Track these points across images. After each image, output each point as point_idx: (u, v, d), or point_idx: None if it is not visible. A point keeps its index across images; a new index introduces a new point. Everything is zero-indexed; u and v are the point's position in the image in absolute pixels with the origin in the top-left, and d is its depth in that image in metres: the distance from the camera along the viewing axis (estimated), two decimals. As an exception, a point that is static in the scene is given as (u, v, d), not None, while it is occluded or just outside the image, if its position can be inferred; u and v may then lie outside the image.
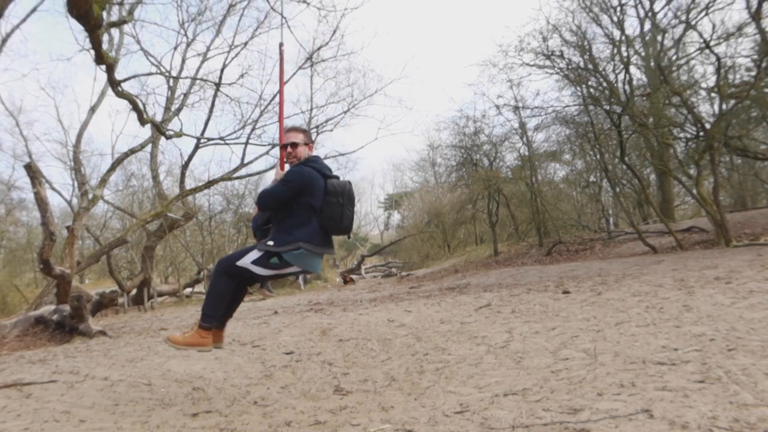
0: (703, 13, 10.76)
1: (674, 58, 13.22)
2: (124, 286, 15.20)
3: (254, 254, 3.02)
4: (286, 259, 3.00)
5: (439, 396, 3.00)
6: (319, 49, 14.83)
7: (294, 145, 3.21)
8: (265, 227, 3.24)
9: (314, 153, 3.40)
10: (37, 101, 52.04)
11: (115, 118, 25.34)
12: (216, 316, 3.15)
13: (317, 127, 17.04)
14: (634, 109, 11.12)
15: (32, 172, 7.30)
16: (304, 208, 3.04)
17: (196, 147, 15.30)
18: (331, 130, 17.29)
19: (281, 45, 3.78)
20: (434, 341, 4.59)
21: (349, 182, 3.24)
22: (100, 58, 6.67)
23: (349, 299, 10.00)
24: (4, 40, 11.82)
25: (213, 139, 14.58)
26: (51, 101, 46.63)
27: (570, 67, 12.79)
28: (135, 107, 9.23)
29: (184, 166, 15.61)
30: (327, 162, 3.42)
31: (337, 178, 3.24)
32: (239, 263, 3.03)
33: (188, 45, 14.69)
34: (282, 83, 3.76)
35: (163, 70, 13.70)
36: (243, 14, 15.03)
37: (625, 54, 11.95)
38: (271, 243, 3.01)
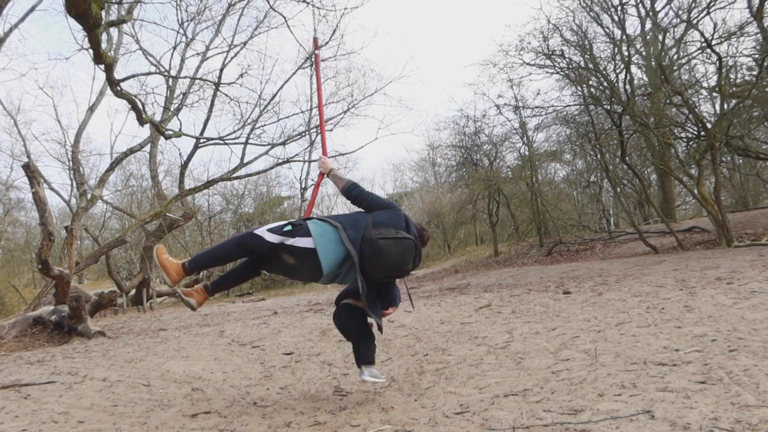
0: (705, 12, 10.77)
1: (675, 57, 13.22)
2: (123, 287, 15.19)
3: (278, 223, 2.96)
4: (302, 226, 2.88)
5: (439, 397, 2.99)
6: (319, 48, 14.80)
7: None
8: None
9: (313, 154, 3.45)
10: (35, 101, 51.93)
11: (114, 118, 25.24)
12: (201, 267, 3.10)
13: (317, 126, 17.02)
14: (635, 109, 11.11)
15: (30, 171, 7.28)
16: (370, 215, 2.99)
17: (196, 147, 15.29)
18: (331, 130, 17.28)
19: (315, 40, 3.72)
20: (434, 342, 4.58)
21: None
22: (98, 57, 6.65)
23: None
24: (2, 40, 11.80)
25: (212, 139, 14.56)
26: (49, 101, 46.34)
27: (571, 66, 12.78)
28: (134, 107, 9.21)
29: (184, 166, 15.61)
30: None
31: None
32: (257, 231, 2.92)
33: (187, 44, 14.69)
34: (319, 86, 3.75)
35: (163, 70, 13.69)
36: (242, 14, 14.97)
37: (626, 53, 11.94)
38: (288, 229, 2.94)
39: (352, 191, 3.10)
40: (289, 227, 2.90)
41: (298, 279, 3.15)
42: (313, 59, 3.89)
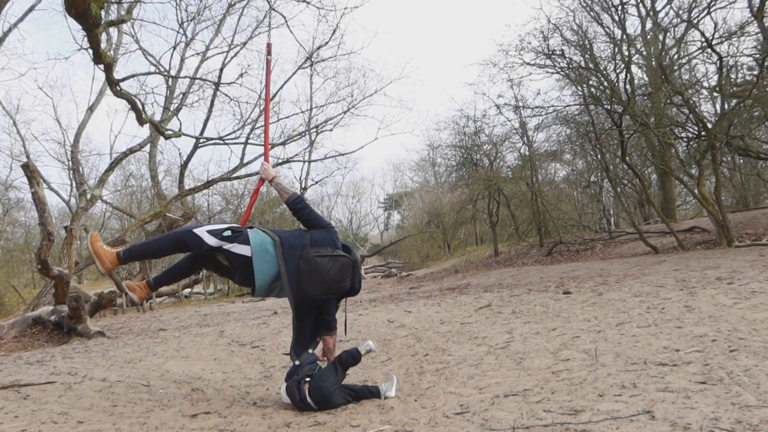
0: (705, 11, 10.76)
1: (676, 57, 13.21)
2: (122, 287, 15.17)
3: (218, 225, 2.99)
4: (243, 233, 2.94)
5: (439, 397, 2.98)
6: (318, 48, 14.80)
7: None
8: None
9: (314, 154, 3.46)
10: (34, 100, 51.92)
11: (113, 118, 25.25)
12: (135, 258, 3.16)
13: (317, 126, 17.02)
14: (635, 109, 11.09)
15: (30, 171, 7.28)
16: (308, 233, 3.07)
17: (195, 147, 15.29)
18: (331, 130, 17.24)
19: (269, 46, 3.78)
20: (434, 342, 4.57)
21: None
22: (98, 57, 6.64)
23: (348, 300, 9.96)
24: (2, 39, 11.81)
25: (212, 139, 14.56)
26: (49, 101, 46.41)
27: (571, 66, 12.77)
28: (134, 107, 9.20)
29: (183, 166, 15.60)
30: (327, 162, 3.48)
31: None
32: (196, 230, 2.96)
33: (187, 44, 14.68)
34: (268, 92, 3.80)
35: (162, 70, 13.69)
36: (242, 13, 14.96)
37: (626, 53, 11.93)
38: (228, 233, 2.99)
39: (296, 204, 3.16)
40: (228, 232, 2.95)
41: (233, 281, 3.23)
42: (264, 64, 4.01)
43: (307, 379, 3.00)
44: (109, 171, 13.40)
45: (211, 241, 2.92)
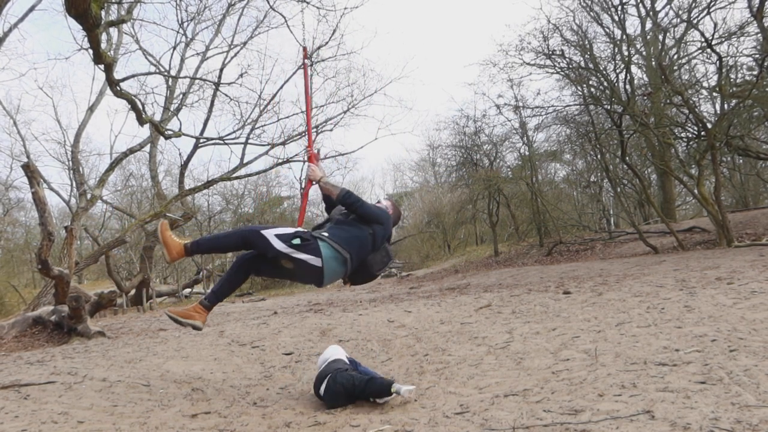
0: (705, 12, 10.76)
1: (675, 57, 13.21)
2: (122, 287, 15.18)
3: (286, 230, 3.02)
4: (311, 243, 2.99)
5: (439, 397, 2.98)
6: (318, 48, 14.80)
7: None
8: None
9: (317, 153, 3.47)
10: (35, 100, 51.93)
11: (113, 118, 25.26)
12: (202, 251, 3.22)
13: (317, 126, 17.01)
14: (635, 109, 11.10)
15: (30, 171, 7.28)
16: (371, 235, 3.17)
17: (195, 147, 15.29)
18: (331, 130, 17.24)
19: (305, 50, 3.78)
20: (434, 342, 4.57)
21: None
22: (98, 57, 6.65)
23: (348, 299, 9.98)
24: (2, 39, 11.81)
25: (212, 139, 14.56)
26: (49, 101, 46.42)
27: (571, 66, 12.78)
28: (134, 107, 9.20)
29: (183, 166, 15.60)
30: (327, 162, 3.50)
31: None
32: (264, 232, 3.01)
33: (187, 44, 14.68)
34: (308, 95, 3.80)
35: (162, 70, 13.69)
36: (242, 13, 14.96)
37: (626, 53, 11.94)
38: (326, 234, 3.07)
39: (347, 199, 3.18)
40: (298, 240, 2.97)
41: (292, 280, 3.27)
42: (302, 68, 3.88)
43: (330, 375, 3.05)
44: (109, 171, 13.41)
45: (280, 246, 2.95)
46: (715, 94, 12.00)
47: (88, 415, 2.99)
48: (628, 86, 11.57)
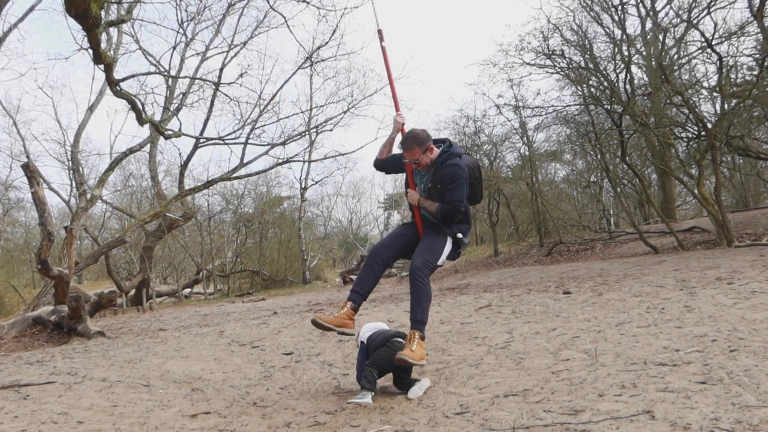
0: (705, 11, 10.74)
1: (675, 57, 13.19)
2: (122, 287, 15.18)
3: (448, 248, 3.20)
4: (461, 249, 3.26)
5: (439, 397, 2.98)
6: (318, 48, 14.82)
7: (416, 162, 3.26)
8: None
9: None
10: (34, 100, 52.04)
11: (113, 118, 25.25)
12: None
13: (317, 126, 17.01)
14: (635, 109, 11.09)
15: (30, 171, 7.28)
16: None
17: (195, 147, 15.30)
18: (331, 130, 17.28)
19: (380, 32, 3.66)
20: (434, 342, 4.57)
21: (476, 160, 3.47)
22: (98, 57, 6.65)
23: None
24: (2, 39, 11.81)
25: (212, 139, 14.57)
26: (49, 101, 46.52)
27: (571, 66, 12.77)
28: (134, 107, 9.21)
29: (183, 166, 15.60)
30: (327, 162, 3.48)
31: (468, 154, 3.45)
32: (439, 263, 3.18)
33: (187, 44, 14.70)
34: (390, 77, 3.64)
35: (162, 70, 13.70)
36: (242, 13, 14.98)
37: (626, 53, 11.93)
38: (461, 236, 3.21)
39: (443, 213, 3.27)
40: (460, 251, 3.32)
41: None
42: (381, 51, 3.79)
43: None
44: (109, 171, 13.42)
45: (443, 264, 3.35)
46: (715, 94, 11.99)
47: (88, 416, 2.99)
48: (628, 86, 11.56)
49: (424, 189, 3.29)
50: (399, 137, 3.41)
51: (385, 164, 3.55)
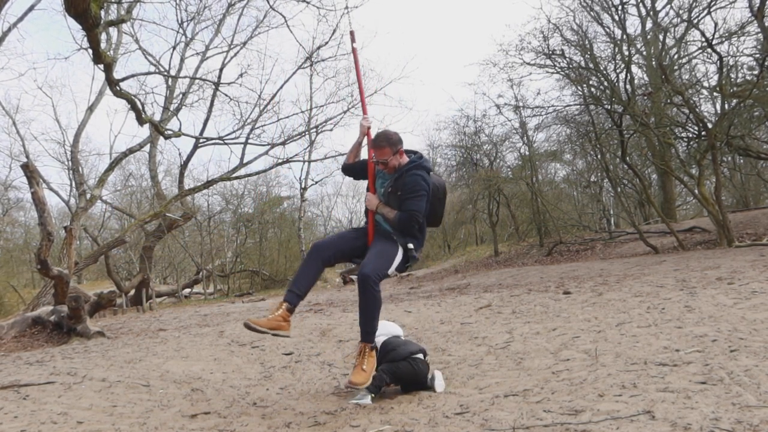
0: (705, 11, 10.74)
1: (676, 57, 13.18)
2: (122, 287, 15.17)
3: (399, 258, 3.12)
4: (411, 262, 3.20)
5: (439, 397, 2.98)
6: (318, 48, 14.82)
7: (384, 163, 3.16)
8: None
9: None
10: (34, 100, 52.12)
11: (113, 118, 25.20)
12: None
13: (317, 126, 17.00)
14: (635, 109, 11.09)
15: (29, 171, 7.28)
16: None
17: (195, 147, 15.28)
18: (331, 130, 17.30)
19: (352, 33, 3.65)
20: (434, 342, 4.57)
21: (444, 182, 3.42)
22: (98, 57, 6.65)
23: (348, 300, 9.97)
24: (1, 39, 11.81)
25: (212, 139, 14.56)
26: (48, 100, 46.55)
27: (571, 66, 12.77)
28: (133, 107, 9.21)
29: (183, 166, 15.59)
30: (327, 162, 3.45)
31: (437, 174, 3.40)
32: (389, 272, 3.12)
33: (187, 44, 14.68)
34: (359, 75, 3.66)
35: (162, 70, 13.70)
36: (242, 13, 14.98)
37: (626, 53, 11.92)
38: (411, 246, 3.13)
39: (401, 221, 3.22)
40: (410, 263, 3.23)
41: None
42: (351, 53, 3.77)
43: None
44: (108, 171, 13.42)
45: (394, 275, 3.27)
46: (715, 93, 11.99)
47: (88, 416, 2.99)
48: (628, 86, 11.56)
49: (383, 193, 3.20)
50: (365, 141, 3.36)
51: (353, 168, 3.46)
